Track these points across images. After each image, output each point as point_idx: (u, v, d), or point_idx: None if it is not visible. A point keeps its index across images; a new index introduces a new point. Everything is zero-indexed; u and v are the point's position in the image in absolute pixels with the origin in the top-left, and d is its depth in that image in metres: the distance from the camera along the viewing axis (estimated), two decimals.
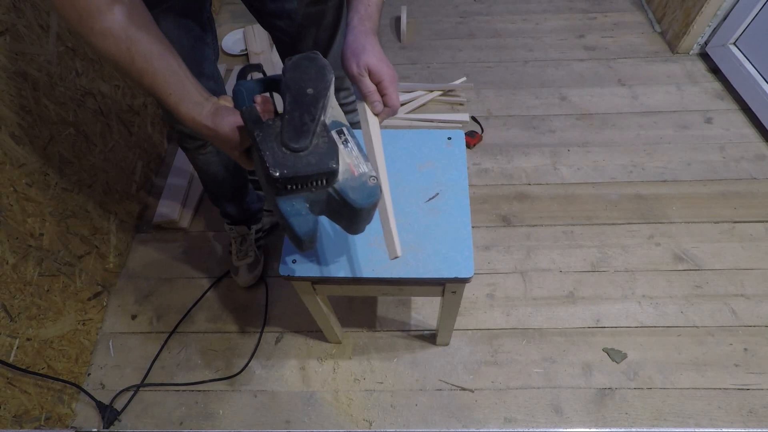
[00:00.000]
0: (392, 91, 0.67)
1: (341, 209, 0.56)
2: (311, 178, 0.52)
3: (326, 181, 0.53)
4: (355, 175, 0.55)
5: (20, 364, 0.95)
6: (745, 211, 1.35)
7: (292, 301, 1.25)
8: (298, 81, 0.55)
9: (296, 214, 0.53)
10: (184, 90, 0.59)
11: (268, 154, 0.51)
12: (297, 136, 0.52)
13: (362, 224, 0.60)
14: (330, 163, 0.52)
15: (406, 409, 1.08)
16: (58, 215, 1.07)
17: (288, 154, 0.51)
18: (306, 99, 0.54)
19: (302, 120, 0.53)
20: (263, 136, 0.52)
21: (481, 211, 1.40)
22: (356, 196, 0.54)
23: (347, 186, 0.55)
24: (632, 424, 1.04)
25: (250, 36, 1.94)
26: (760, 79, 1.51)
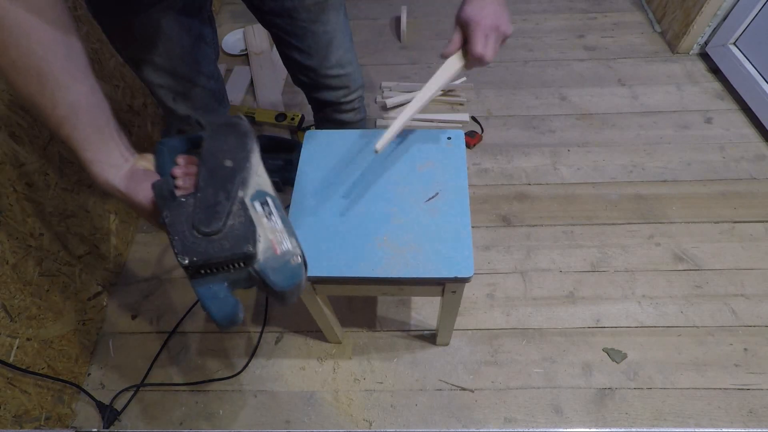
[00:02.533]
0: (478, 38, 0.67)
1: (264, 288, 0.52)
2: (225, 263, 0.49)
3: (243, 263, 0.50)
4: (277, 254, 0.51)
5: (20, 364, 0.95)
6: (745, 211, 1.35)
7: None
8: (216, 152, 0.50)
9: (213, 298, 0.50)
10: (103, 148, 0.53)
11: (176, 239, 0.48)
12: (209, 219, 0.48)
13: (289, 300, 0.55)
14: (245, 247, 0.49)
15: (406, 409, 1.08)
16: (58, 215, 1.07)
17: (199, 238, 0.48)
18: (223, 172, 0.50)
19: (216, 198, 0.49)
20: (172, 217, 0.49)
21: (481, 211, 1.40)
22: (277, 278, 0.51)
23: (268, 267, 0.50)
24: (632, 424, 1.04)
25: (250, 36, 1.94)
26: (760, 79, 1.51)
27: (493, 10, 0.67)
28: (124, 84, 1.31)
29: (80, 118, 0.51)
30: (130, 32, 0.74)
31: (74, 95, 0.50)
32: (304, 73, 0.94)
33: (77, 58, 0.50)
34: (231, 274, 0.50)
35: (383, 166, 0.85)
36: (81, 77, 0.50)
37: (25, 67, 0.46)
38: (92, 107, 0.51)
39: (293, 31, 0.85)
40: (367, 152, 0.86)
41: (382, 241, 0.76)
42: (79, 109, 0.50)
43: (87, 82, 0.51)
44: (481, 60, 0.68)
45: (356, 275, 0.73)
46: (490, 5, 0.67)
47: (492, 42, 0.68)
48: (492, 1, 0.68)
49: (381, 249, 0.75)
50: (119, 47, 0.79)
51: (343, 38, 0.90)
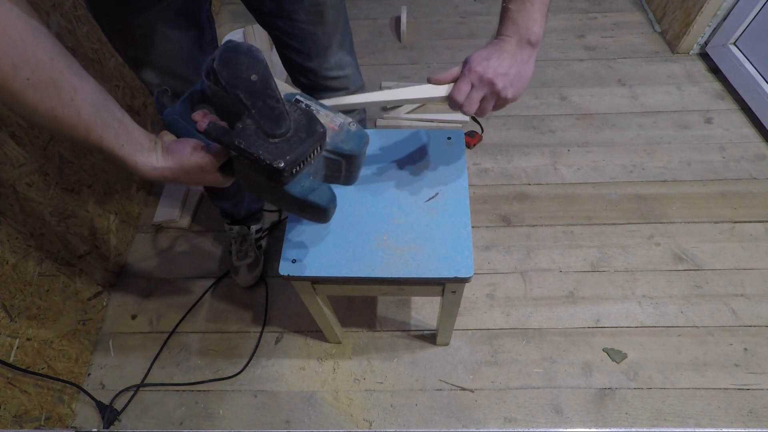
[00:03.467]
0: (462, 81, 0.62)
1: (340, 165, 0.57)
2: (310, 151, 0.52)
3: (320, 147, 0.54)
4: (336, 130, 0.56)
5: (20, 364, 0.95)
6: (745, 211, 1.35)
7: (292, 301, 1.25)
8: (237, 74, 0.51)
9: (311, 191, 0.54)
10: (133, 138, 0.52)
11: (261, 152, 0.49)
12: (277, 123, 0.50)
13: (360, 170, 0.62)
14: (318, 128, 0.52)
15: (406, 409, 1.08)
16: (58, 215, 1.07)
17: (278, 142, 0.50)
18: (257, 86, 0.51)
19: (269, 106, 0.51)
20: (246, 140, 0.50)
21: (481, 211, 1.40)
22: (349, 145, 0.56)
23: (337, 141, 0.56)
24: (632, 424, 1.04)
25: (250, 36, 1.94)
26: (760, 79, 1.51)
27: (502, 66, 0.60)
28: (124, 84, 1.31)
29: (103, 115, 0.49)
30: (130, 33, 0.74)
31: (89, 94, 0.48)
32: (304, 75, 0.94)
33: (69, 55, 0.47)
34: (311, 165, 0.54)
35: (383, 166, 0.85)
36: (84, 74, 0.49)
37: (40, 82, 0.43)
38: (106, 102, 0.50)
39: (292, 32, 0.85)
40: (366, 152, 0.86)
41: (382, 241, 0.76)
42: (99, 108, 0.49)
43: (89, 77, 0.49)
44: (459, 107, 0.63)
45: (356, 275, 0.73)
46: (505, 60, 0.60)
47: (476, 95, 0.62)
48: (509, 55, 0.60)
49: (381, 249, 0.75)
50: (119, 47, 0.79)
51: (342, 40, 0.90)
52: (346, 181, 0.62)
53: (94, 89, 0.49)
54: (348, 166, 0.58)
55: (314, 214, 0.56)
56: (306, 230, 0.78)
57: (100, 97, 0.50)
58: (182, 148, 0.54)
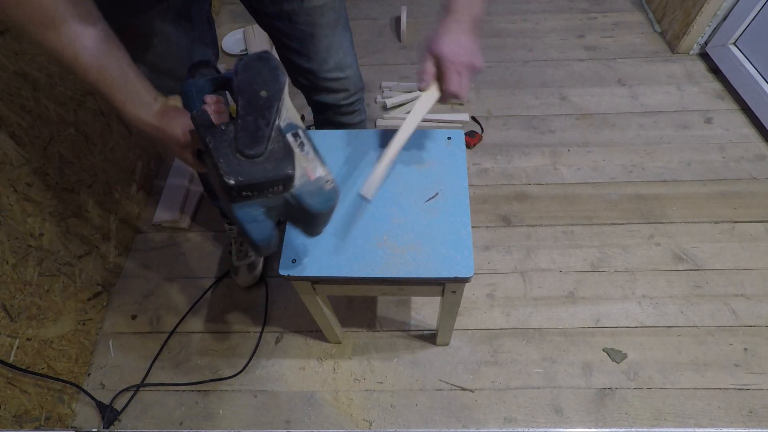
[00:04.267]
0: (450, 74, 0.67)
1: (298, 214, 0.55)
2: (267, 184, 0.51)
3: (283, 186, 0.52)
4: (311, 180, 0.54)
5: (20, 364, 0.95)
6: (745, 211, 1.35)
7: (292, 301, 1.25)
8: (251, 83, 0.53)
9: (252, 221, 0.52)
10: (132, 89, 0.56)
11: (222, 161, 0.49)
12: (252, 143, 0.50)
13: (320, 227, 0.59)
14: (286, 169, 0.51)
15: (406, 409, 1.08)
16: (58, 215, 1.07)
17: (243, 161, 0.50)
18: (260, 102, 0.52)
19: (257, 125, 0.51)
20: (216, 142, 0.50)
21: (481, 211, 1.40)
22: (313, 201, 0.54)
23: (304, 191, 0.54)
24: (632, 424, 1.04)
25: (250, 36, 1.94)
26: (760, 79, 1.51)
27: (468, 46, 0.67)
28: None
29: (103, 62, 0.52)
30: (129, 33, 0.74)
31: (91, 40, 0.51)
32: (304, 76, 0.94)
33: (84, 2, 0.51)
34: (269, 199, 0.53)
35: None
36: (93, 21, 0.52)
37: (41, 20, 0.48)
38: (111, 50, 0.53)
39: (292, 34, 0.85)
40: (367, 152, 0.86)
41: (382, 241, 0.76)
42: (99, 54, 0.52)
43: (99, 25, 0.52)
44: (457, 97, 0.68)
45: (356, 275, 0.73)
46: (465, 40, 0.67)
47: (465, 79, 0.68)
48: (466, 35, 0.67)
49: (381, 249, 0.75)
50: None
51: (342, 41, 0.90)
52: (305, 232, 0.61)
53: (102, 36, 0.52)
54: (305, 218, 0.56)
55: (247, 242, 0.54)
56: None
57: (107, 44, 0.53)
58: (174, 117, 0.56)
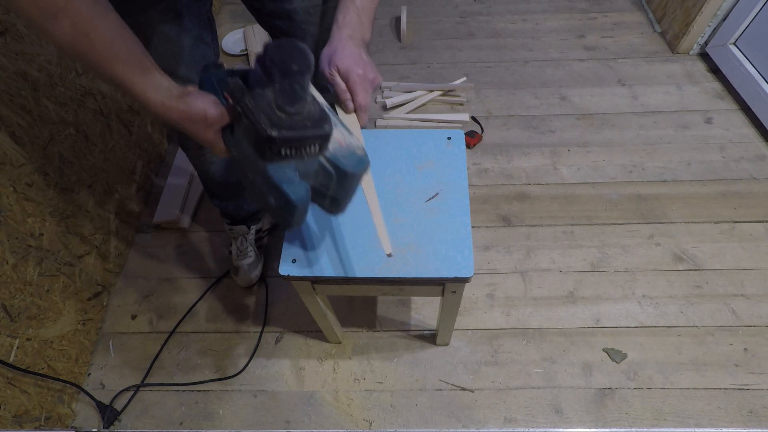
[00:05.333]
0: (359, 90, 0.67)
1: (330, 180, 0.57)
2: (308, 140, 0.52)
3: (320, 146, 0.54)
4: (343, 146, 0.57)
5: (20, 364, 0.95)
6: (745, 211, 1.35)
7: (292, 301, 1.25)
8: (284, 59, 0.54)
9: (289, 181, 0.53)
10: (150, 77, 0.56)
11: (263, 116, 0.50)
12: (291, 101, 0.52)
13: (349, 196, 0.60)
14: (325, 126, 0.53)
15: (406, 409, 1.08)
16: (58, 215, 1.07)
17: (284, 117, 0.51)
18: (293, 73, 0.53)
19: (293, 88, 0.52)
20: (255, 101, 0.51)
21: (481, 211, 1.40)
22: (348, 162, 0.56)
23: (338, 154, 0.56)
24: (632, 424, 1.04)
25: (250, 36, 1.94)
26: (760, 79, 1.51)
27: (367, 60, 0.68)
28: None
29: (119, 52, 0.53)
30: None
31: (106, 32, 0.52)
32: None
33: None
34: (304, 162, 0.54)
35: (383, 166, 0.85)
36: (104, 13, 0.53)
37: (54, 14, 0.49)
38: (126, 40, 0.54)
39: (293, 33, 0.85)
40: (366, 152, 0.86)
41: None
42: (115, 44, 0.53)
43: (113, 17, 0.53)
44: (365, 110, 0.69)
45: (356, 275, 0.73)
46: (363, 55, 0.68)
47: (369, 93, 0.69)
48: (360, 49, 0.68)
49: (381, 249, 0.75)
50: None
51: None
52: (331, 205, 0.61)
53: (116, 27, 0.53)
54: (338, 183, 0.57)
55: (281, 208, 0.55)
56: (306, 230, 0.78)
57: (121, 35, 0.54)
58: (196, 97, 0.57)
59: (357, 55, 0.67)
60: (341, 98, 0.68)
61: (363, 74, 0.67)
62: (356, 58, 0.67)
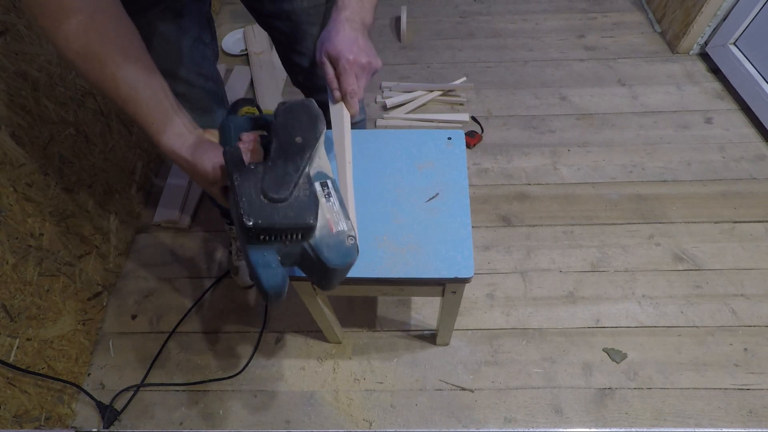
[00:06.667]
0: (347, 75, 0.64)
1: (314, 265, 0.54)
2: (286, 231, 0.50)
3: (302, 235, 0.51)
4: (332, 233, 0.53)
5: (20, 364, 0.95)
6: (745, 211, 1.35)
7: (292, 301, 1.25)
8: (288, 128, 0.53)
9: (265, 266, 0.51)
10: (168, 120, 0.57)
11: (244, 200, 0.49)
12: (277, 186, 0.50)
13: (335, 282, 0.57)
14: (307, 218, 0.51)
15: (406, 409, 1.08)
16: (58, 215, 1.07)
17: (265, 203, 0.50)
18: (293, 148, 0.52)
19: (286, 169, 0.51)
20: (242, 180, 0.50)
21: (481, 211, 1.40)
22: (331, 255, 0.52)
23: (323, 243, 0.52)
24: (632, 424, 1.04)
25: (250, 36, 1.94)
26: (760, 79, 1.51)
27: (363, 44, 0.65)
28: None
29: (141, 94, 0.55)
30: None
31: (132, 73, 0.54)
32: (303, 75, 0.94)
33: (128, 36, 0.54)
34: (286, 246, 0.52)
35: (383, 166, 0.85)
36: (135, 56, 0.54)
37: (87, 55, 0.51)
38: (151, 83, 0.56)
39: (292, 33, 0.85)
40: (366, 152, 0.86)
41: (382, 241, 0.75)
42: (138, 86, 0.54)
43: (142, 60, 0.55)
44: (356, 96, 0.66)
45: (356, 275, 0.73)
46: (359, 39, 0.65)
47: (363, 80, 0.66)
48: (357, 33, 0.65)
49: (381, 249, 0.75)
50: None
51: None
52: (318, 284, 0.58)
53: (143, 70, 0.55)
54: (321, 272, 0.54)
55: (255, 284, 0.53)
56: None
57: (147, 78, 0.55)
58: (207, 152, 0.57)
59: (351, 38, 0.64)
60: (329, 87, 0.66)
61: (354, 59, 0.64)
62: (349, 43, 0.64)
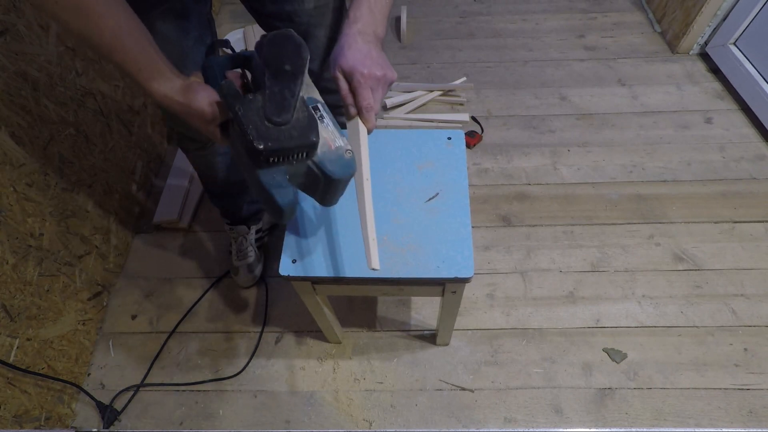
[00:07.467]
0: (362, 90, 0.64)
1: (318, 182, 0.59)
2: (294, 150, 0.54)
3: (307, 153, 0.56)
4: (332, 149, 0.58)
5: (20, 364, 0.95)
6: (745, 211, 1.35)
7: (292, 301, 1.25)
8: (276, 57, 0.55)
9: (277, 186, 0.55)
10: (156, 67, 0.58)
11: (251, 127, 0.52)
12: (279, 111, 0.53)
13: (337, 195, 0.62)
14: (311, 136, 0.54)
15: (406, 409, 1.08)
16: (58, 215, 1.07)
17: (271, 128, 0.53)
18: (285, 75, 0.55)
19: (283, 95, 0.54)
20: (244, 110, 0.53)
21: (481, 211, 1.40)
22: (334, 168, 0.57)
23: (325, 159, 0.57)
24: (632, 424, 1.04)
25: (250, 36, 1.94)
26: (760, 79, 1.51)
27: (377, 57, 0.65)
28: (124, 84, 1.31)
29: (126, 42, 0.55)
30: None
31: (115, 21, 0.54)
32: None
33: None
34: (292, 165, 0.56)
35: (383, 166, 0.85)
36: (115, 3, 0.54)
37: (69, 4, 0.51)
38: (133, 30, 0.56)
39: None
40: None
41: (382, 241, 0.76)
42: (122, 34, 0.55)
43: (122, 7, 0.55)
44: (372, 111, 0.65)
45: (356, 275, 0.73)
46: (373, 51, 0.65)
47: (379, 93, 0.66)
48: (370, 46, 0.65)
49: (381, 249, 0.74)
50: None
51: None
52: (321, 201, 0.63)
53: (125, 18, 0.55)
54: (325, 185, 0.59)
55: (271, 208, 0.57)
56: (306, 230, 0.78)
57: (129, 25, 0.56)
58: (199, 92, 0.58)
59: (364, 52, 0.64)
60: (343, 102, 0.66)
61: (368, 73, 0.64)
62: (362, 56, 0.64)
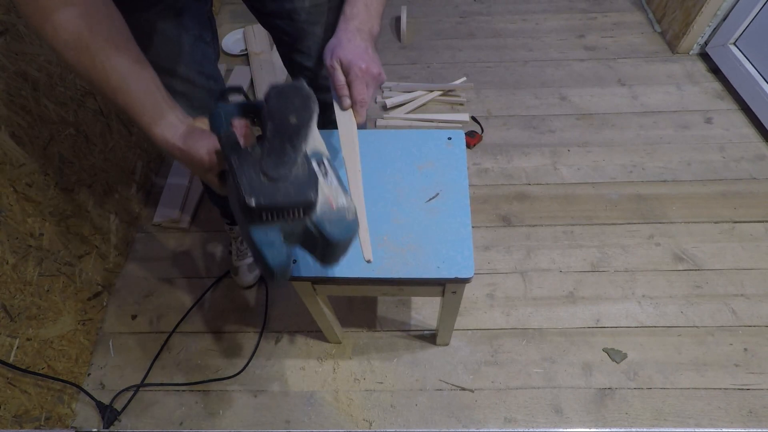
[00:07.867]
0: (358, 83, 0.65)
1: (316, 242, 0.55)
2: (288, 208, 0.50)
3: (303, 212, 0.52)
4: (333, 209, 0.54)
5: (20, 364, 0.95)
6: (745, 211, 1.35)
7: (292, 301, 1.25)
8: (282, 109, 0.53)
9: (270, 245, 0.51)
10: (159, 111, 0.57)
11: (244, 180, 0.49)
12: (276, 165, 0.50)
13: (336, 257, 0.58)
14: (308, 194, 0.51)
15: (406, 409, 1.08)
16: (58, 215, 1.07)
17: (265, 183, 0.50)
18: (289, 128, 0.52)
19: (283, 149, 0.51)
20: (240, 162, 0.50)
21: (481, 211, 1.40)
22: (333, 229, 0.53)
23: (325, 219, 0.53)
24: (632, 424, 1.04)
25: (250, 36, 1.94)
26: (760, 79, 1.51)
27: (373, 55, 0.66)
28: None
29: (131, 85, 0.55)
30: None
31: (122, 64, 0.54)
32: (304, 75, 0.94)
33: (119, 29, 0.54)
34: (288, 224, 0.52)
35: (383, 166, 0.85)
36: (124, 46, 0.54)
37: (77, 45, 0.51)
38: (141, 74, 0.56)
39: (293, 32, 0.85)
40: (366, 152, 0.86)
41: (382, 241, 0.75)
42: (128, 77, 0.55)
43: (131, 51, 0.55)
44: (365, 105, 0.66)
45: (356, 275, 0.73)
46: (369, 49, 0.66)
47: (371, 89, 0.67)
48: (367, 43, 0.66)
49: (381, 249, 0.75)
50: None
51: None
52: (321, 261, 0.59)
53: (133, 60, 0.55)
54: (323, 247, 0.55)
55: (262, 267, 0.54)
56: None
57: (137, 68, 0.56)
58: (200, 139, 0.57)
59: (362, 48, 0.65)
60: (338, 93, 0.67)
61: (366, 68, 0.65)
62: (361, 52, 0.65)
